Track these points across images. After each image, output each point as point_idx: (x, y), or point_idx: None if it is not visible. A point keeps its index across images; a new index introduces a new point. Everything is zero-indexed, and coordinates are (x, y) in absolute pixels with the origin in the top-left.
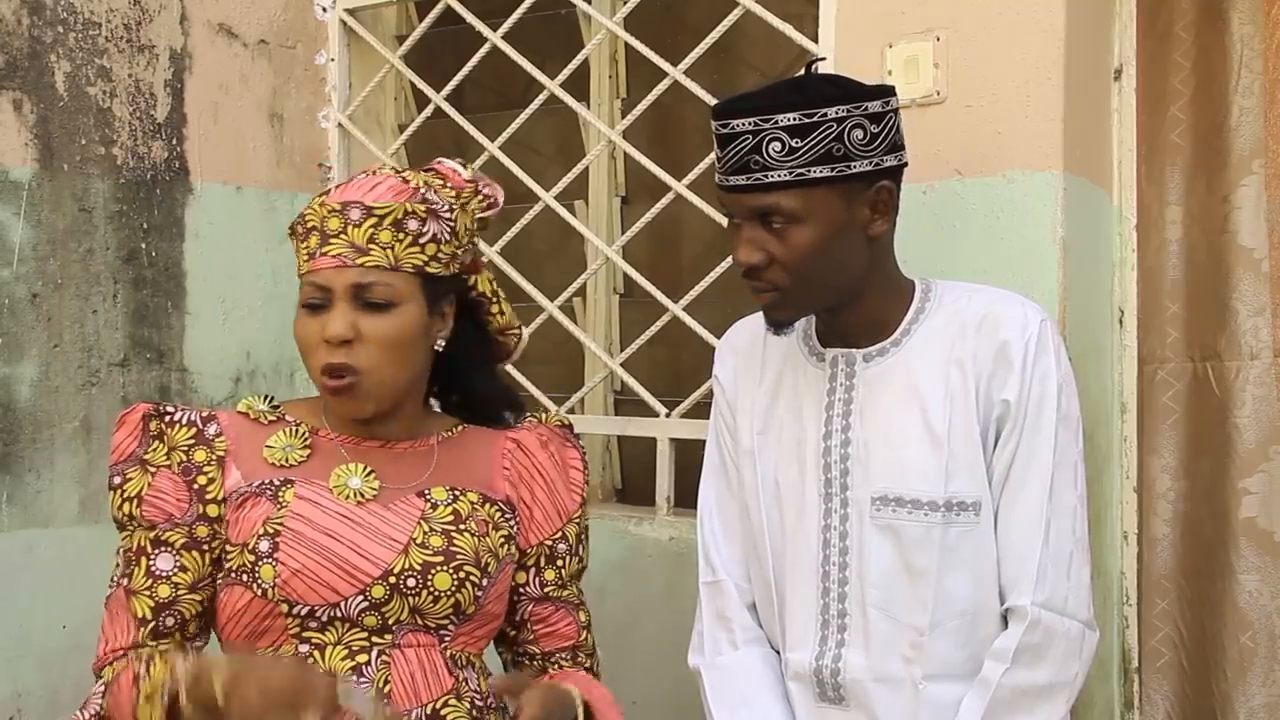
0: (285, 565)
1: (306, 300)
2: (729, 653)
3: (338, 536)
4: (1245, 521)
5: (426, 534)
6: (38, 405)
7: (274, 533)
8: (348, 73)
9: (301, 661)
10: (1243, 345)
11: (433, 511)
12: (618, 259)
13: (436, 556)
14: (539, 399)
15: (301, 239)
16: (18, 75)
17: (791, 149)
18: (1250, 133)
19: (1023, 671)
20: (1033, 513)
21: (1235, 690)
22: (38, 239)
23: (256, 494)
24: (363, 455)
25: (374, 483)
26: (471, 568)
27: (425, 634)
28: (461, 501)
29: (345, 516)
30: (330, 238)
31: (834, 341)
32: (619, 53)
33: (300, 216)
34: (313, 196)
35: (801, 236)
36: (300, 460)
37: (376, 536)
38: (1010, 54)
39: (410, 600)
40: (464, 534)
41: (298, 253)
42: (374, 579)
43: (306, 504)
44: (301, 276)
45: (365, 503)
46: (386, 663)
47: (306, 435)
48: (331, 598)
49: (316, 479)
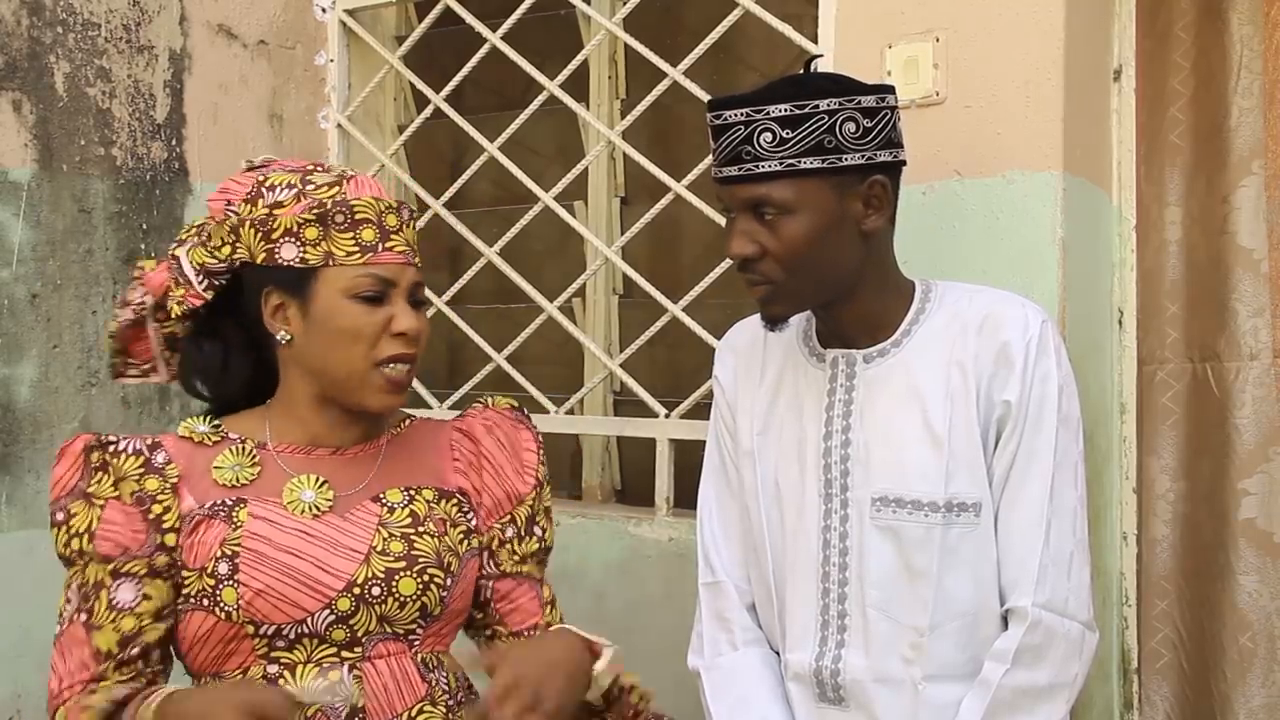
0: (248, 586)
1: (364, 291)
2: (729, 653)
3: (297, 553)
4: (1244, 522)
5: (386, 540)
6: (38, 405)
7: (232, 554)
8: (347, 73)
9: (248, 683)
10: (1242, 346)
11: (390, 516)
12: (617, 260)
13: (398, 562)
14: (538, 399)
15: (342, 229)
16: (18, 75)
17: (782, 139)
18: (1250, 133)
19: (1023, 672)
20: (1033, 514)
21: (1235, 691)
22: (37, 239)
23: (209, 516)
24: (313, 465)
25: (328, 493)
26: (435, 569)
27: (395, 641)
28: (417, 501)
29: (303, 531)
30: (391, 233)
31: (834, 342)
32: (618, 53)
33: (336, 205)
34: (315, 188)
35: (793, 228)
36: (251, 479)
37: (336, 548)
38: (1010, 54)
39: (377, 609)
40: (424, 536)
41: (329, 241)
42: (338, 591)
43: (262, 522)
44: (345, 265)
45: (321, 515)
46: (359, 677)
47: (253, 451)
48: (298, 614)
49: (269, 496)
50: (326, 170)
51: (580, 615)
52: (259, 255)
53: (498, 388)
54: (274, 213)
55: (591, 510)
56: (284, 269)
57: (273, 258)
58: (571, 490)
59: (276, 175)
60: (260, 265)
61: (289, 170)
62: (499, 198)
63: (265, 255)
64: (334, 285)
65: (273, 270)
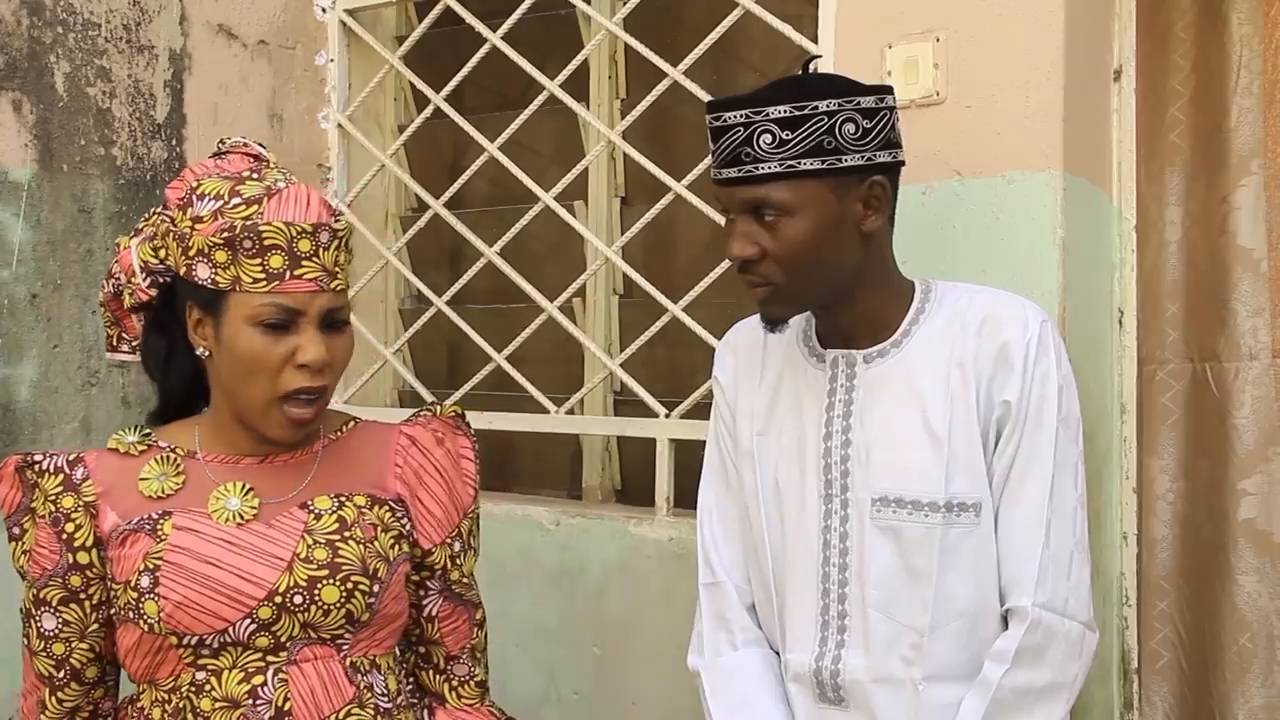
0: (167, 599)
1: (267, 319)
2: (728, 654)
3: (218, 563)
4: (1244, 523)
5: (310, 547)
6: (38, 405)
7: (154, 568)
8: (347, 73)
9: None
10: (1242, 346)
11: (316, 522)
12: (617, 259)
13: (321, 570)
14: (538, 399)
15: (250, 254)
16: (18, 75)
17: (782, 141)
18: (1249, 133)
19: (1023, 672)
20: (1033, 514)
21: (1234, 692)
22: (37, 239)
23: (136, 530)
24: (241, 474)
25: (253, 501)
26: (360, 576)
27: (321, 646)
28: (347, 507)
29: (226, 541)
30: (302, 259)
31: (834, 342)
32: (618, 53)
33: (245, 230)
34: (231, 206)
35: (793, 229)
36: (176, 489)
37: (259, 556)
38: (1010, 54)
39: (300, 616)
40: (349, 542)
41: (237, 266)
42: (259, 600)
43: (185, 534)
44: (251, 292)
45: (246, 523)
46: (284, 680)
47: (179, 461)
48: (218, 625)
49: (194, 506)
50: (260, 178)
51: (580, 615)
52: (180, 268)
53: (498, 388)
54: (194, 228)
55: (591, 510)
56: (200, 286)
57: (190, 274)
58: (571, 490)
59: (211, 183)
60: (183, 278)
61: (225, 177)
62: (499, 198)
63: (185, 269)
64: (240, 311)
65: (192, 285)
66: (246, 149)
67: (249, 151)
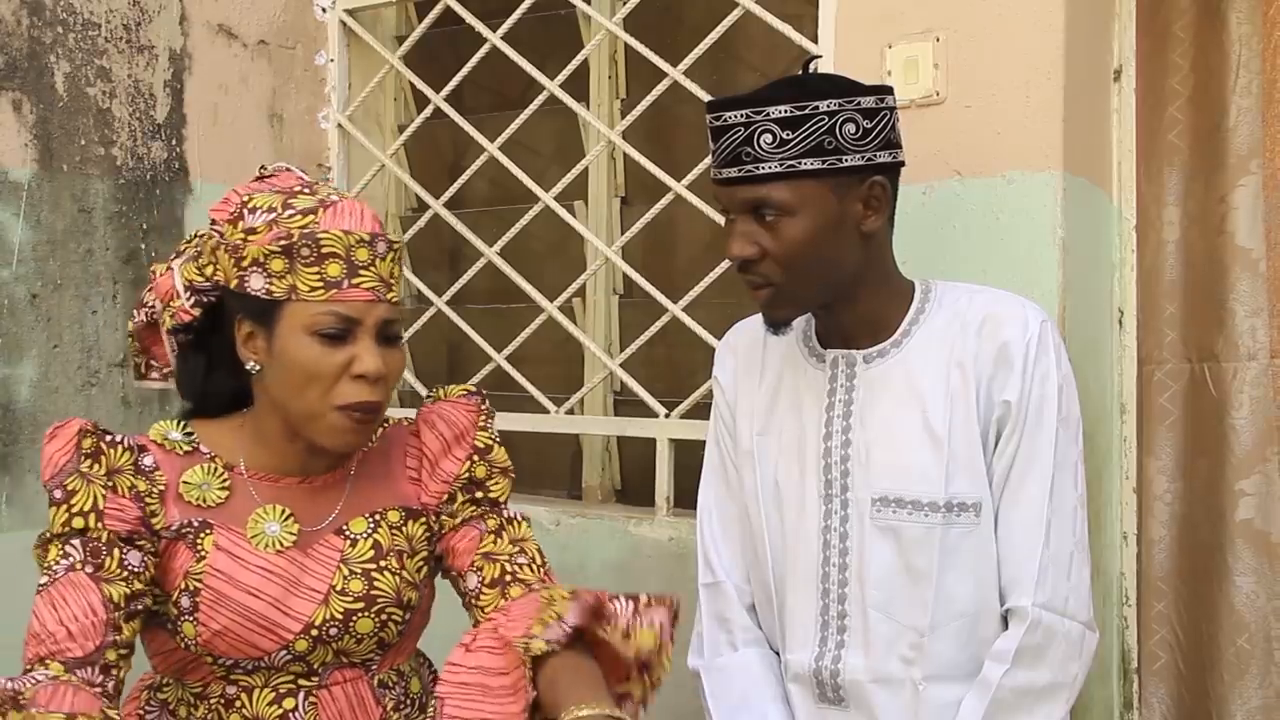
0: (206, 626)
1: (324, 329)
2: (728, 654)
3: (257, 593)
4: (1242, 523)
5: (346, 579)
6: (38, 405)
7: (194, 590)
8: (347, 73)
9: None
10: (1240, 346)
11: (351, 550)
12: (617, 259)
13: (357, 603)
14: (538, 399)
15: (307, 262)
16: (18, 75)
17: (783, 140)
18: (1248, 133)
19: (1023, 672)
20: (1033, 514)
21: (1232, 693)
22: (37, 239)
23: (178, 539)
24: (280, 495)
25: (293, 527)
26: (394, 608)
27: (352, 668)
28: (381, 530)
29: (265, 570)
30: (360, 269)
31: (834, 342)
32: (618, 53)
33: (302, 237)
34: (286, 216)
35: (793, 229)
36: (218, 501)
37: (297, 588)
38: (1010, 54)
39: (334, 645)
40: (384, 573)
41: (294, 275)
42: (296, 634)
43: (225, 556)
44: (308, 301)
45: (284, 550)
46: (314, 704)
47: (223, 474)
48: (254, 654)
49: (234, 525)
50: (312, 192)
51: None
52: (232, 281)
53: (498, 387)
54: (247, 239)
55: (591, 510)
56: (253, 298)
57: (243, 285)
58: (571, 490)
59: (262, 197)
60: (234, 291)
61: (276, 191)
62: (499, 198)
63: (237, 282)
64: (296, 320)
65: (244, 298)
66: (291, 175)
67: (280, 182)
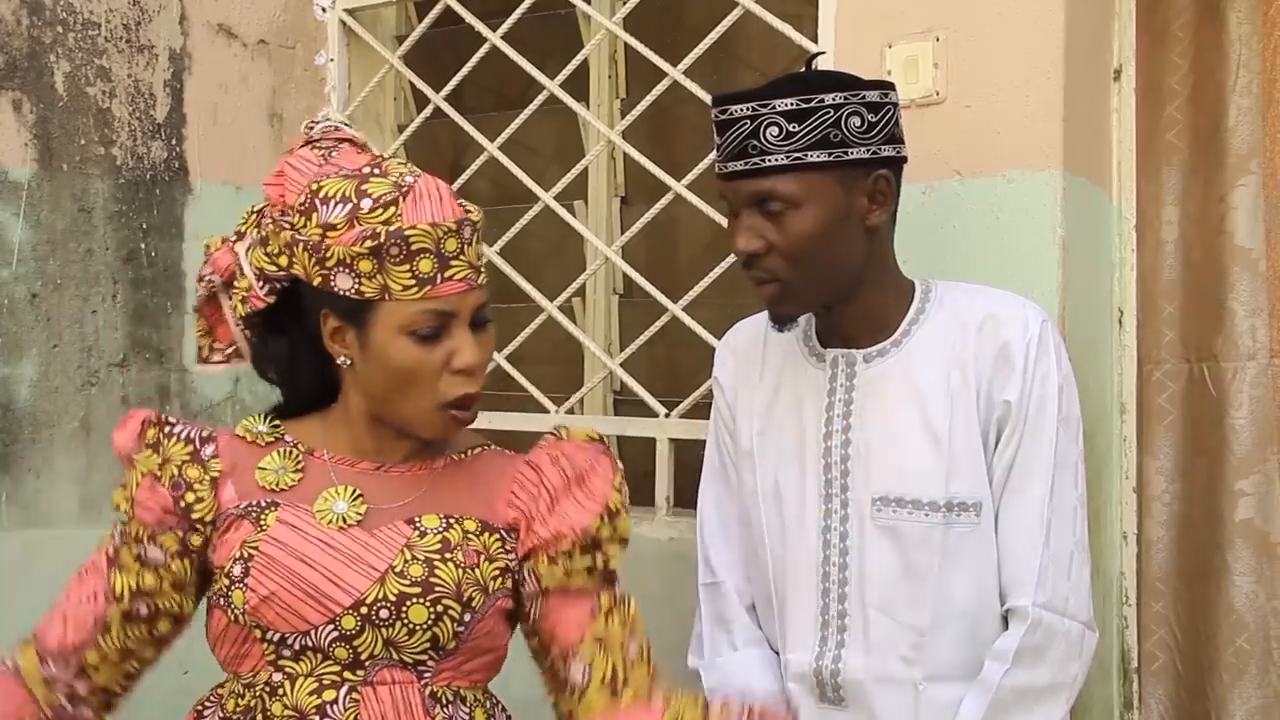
0: (254, 591)
1: (421, 329)
2: (728, 654)
3: (312, 562)
4: (1241, 523)
5: (407, 562)
6: (37, 405)
7: (247, 557)
8: (347, 73)
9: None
10: (1239, 346)
11: (419, 539)
12: (617, 259)
13: (414, 587)
14: (538, 399)
15: (397, 261)
16: (18, 75)
17: (789, 133)
18: (1248, 133)
19: (1023, 672)
20: (1033, 514)
21: (1231, 694)
22: (37, 239)
23: (241, 516)
24: (354, 478)
25: (360, 507)
26: (451, 601)
27: (402, 670)
28: (454, 530)
29: (324, 542)
30: (451, 260)
31: (834, 342)
32: (618, 53)
33: (390, 236)
34: (366, 212)
35: (799, 223)
36: (292, 484)
37: (355, 563)
38: (1010, 54)
39: (383, 633)
40: (448, 564)
41: (384, 275)
42: (345, 608)
43: (286, 528)
44: (401, 301)
45: (348, 528)
46: (356, 700)
47: (300, 457)
48: (301, 625)
49: (302, 502)
50: (384, 173)
51: None
52: (315, 278)
53: (498, 387)
54: (327, 237)
55: None
56: (341, 297)
57: (328, 284)
58: None
59: (331, 184)
60: (318, 289)
61: (345, 176)
62: (499, 197)
63: (321, 280)
64: (390, 320)
65: (331, 296)
66: (339, 133)
67: (342, 136)
